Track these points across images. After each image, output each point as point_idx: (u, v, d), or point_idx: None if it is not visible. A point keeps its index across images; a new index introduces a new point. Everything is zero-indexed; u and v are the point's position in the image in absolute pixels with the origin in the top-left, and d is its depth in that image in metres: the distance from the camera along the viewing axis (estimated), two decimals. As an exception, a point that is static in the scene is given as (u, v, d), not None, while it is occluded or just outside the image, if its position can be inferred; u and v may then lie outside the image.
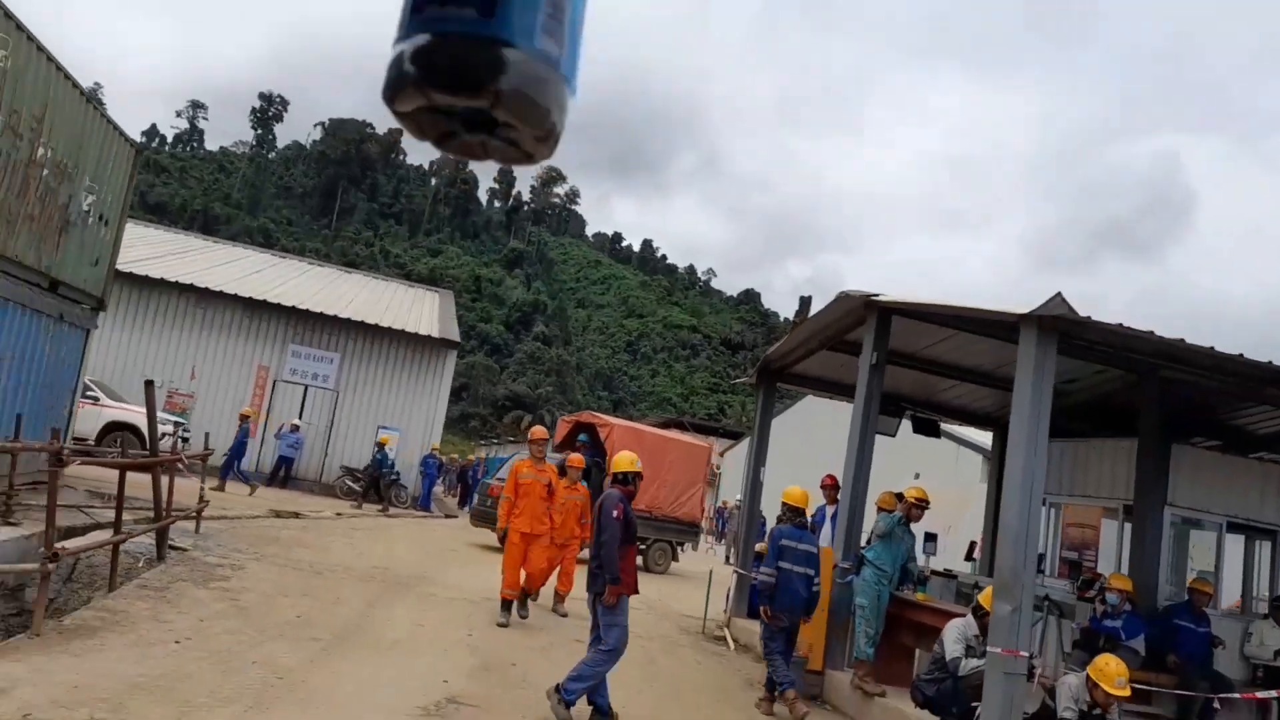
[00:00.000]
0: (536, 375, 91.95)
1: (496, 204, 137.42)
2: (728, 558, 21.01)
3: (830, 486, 10.25)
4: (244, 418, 18.03)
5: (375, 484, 19.05)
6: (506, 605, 8.62)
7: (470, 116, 0.47)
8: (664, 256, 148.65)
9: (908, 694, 6.72)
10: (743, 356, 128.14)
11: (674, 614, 11.24)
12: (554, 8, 0.47)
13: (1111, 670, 5.32)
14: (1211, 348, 6.55)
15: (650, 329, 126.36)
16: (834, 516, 9.52)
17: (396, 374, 21.27)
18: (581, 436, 16.62)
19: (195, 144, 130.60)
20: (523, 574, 8.89)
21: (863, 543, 8.36)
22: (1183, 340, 6.50)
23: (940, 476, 18.68)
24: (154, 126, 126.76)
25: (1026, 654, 5.78)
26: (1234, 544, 10.69)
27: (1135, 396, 10.13)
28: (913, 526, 8.38)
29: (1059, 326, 6.24)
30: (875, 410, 8.77)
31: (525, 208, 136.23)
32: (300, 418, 20.15)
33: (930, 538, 9.80)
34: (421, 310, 23.97)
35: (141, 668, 5.00)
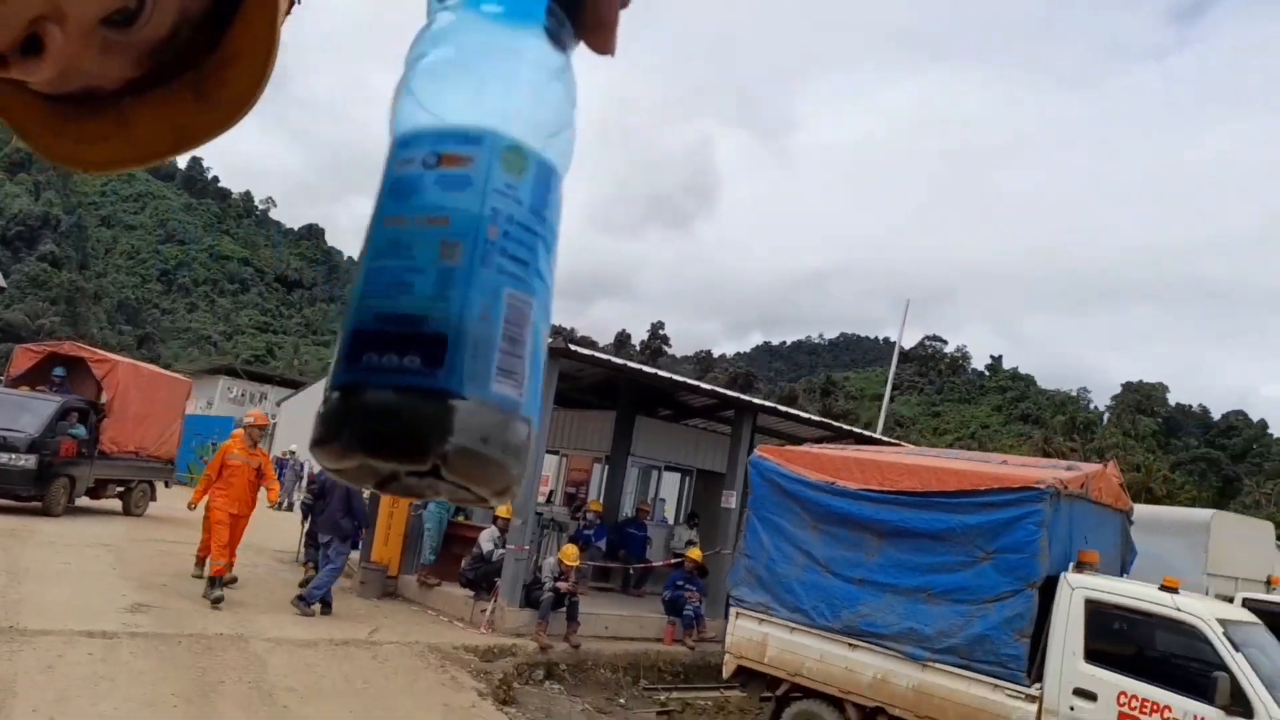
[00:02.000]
0: (39, 302, 79.11)
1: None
2: (291, 503, 22.01)
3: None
4: None
5: None
6: (215, 581, 8.54)
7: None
8: (216, 179, 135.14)
9: (457, 584, 10.32)
10: (299, 295, 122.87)
11: (268, 549, 13.52)
12: (512, 342, 0.37)
13: (569, 551, 9.47)
14: (637, 368, 11.17)
15: (193, 258, 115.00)
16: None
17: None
18: (57, 370, 14.06)
19: None
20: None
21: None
22: (612, 361, 11.01)
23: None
24: None
25: (527, 548, 9.73)
26: (673, 479, 16.34)
27: (617, 382, 15.02)
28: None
29: (558, 353, 10.23)
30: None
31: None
32: None
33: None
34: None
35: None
